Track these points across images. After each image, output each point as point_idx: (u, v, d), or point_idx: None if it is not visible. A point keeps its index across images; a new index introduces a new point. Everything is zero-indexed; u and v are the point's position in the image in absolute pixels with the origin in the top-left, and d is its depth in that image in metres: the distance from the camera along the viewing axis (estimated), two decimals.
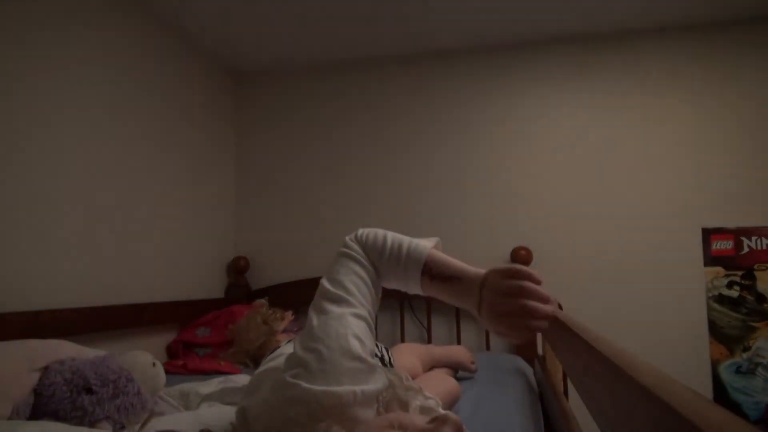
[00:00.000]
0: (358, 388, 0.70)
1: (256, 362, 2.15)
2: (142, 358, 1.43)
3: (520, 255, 2.37)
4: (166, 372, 1.53)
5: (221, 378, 1.54)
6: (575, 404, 1.64)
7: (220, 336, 2.27)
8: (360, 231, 0.95)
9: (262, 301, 2.47)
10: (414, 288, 0.93)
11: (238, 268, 2.73)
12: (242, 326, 2.22)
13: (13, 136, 1.63)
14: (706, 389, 2.15)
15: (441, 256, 0.93)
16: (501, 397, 1.58)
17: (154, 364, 1.44)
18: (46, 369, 1.21)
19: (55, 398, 1.13)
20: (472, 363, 1.82)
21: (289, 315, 2.33)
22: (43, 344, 1.31)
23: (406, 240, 0.93)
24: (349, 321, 0.78)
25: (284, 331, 2.22)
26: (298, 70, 2.87)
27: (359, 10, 2.28)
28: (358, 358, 0.73)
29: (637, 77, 2.46)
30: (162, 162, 2.32)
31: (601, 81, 2.51)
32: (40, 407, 1.13)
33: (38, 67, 1.72)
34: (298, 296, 2.65)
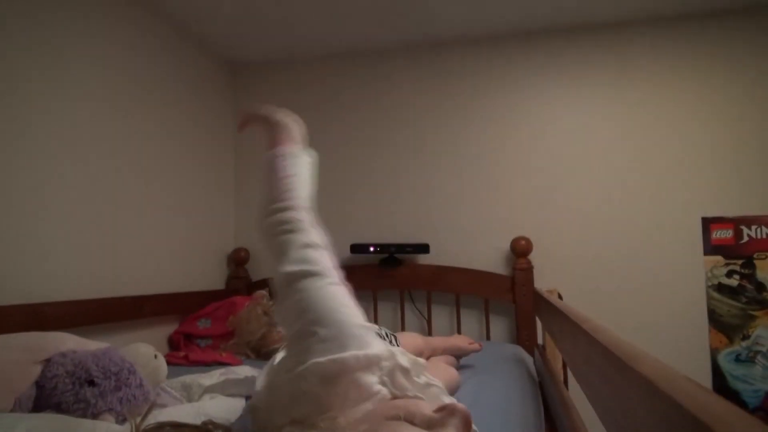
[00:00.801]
0: (360, 353, 0.71)
1: (257, 353, 2.16)
2: (143, 350, 1.44)
3: (520, 245, 2.38)
4: (168, 363, 1.54)
5: (223, 369, 1.55)
6: (575, 393, 1.65)
7: (221, 327, 2.28)
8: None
9: (263, 292, 2.47)
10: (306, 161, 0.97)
11: (238, 260, 2.74)
12: (243, 318, 2.23)
13: (12, 129, 1.63)
14: (706, 377, 2.15)
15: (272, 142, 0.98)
16: (501, 385, 1.59)
17: (155, 356, 1.44)
18: (48, 361, 1.21)
19: (57, 391, 1.13)
20: (471, 343, 1.81)
21: None
22: (45, 337, 1.31)
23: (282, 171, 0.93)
24: (334, 290, 0.79)
25: None
26: (297, 61, 2.86)
27: (358, 1, 2.26)
28: (358, 325, 0.76)
29: (638, 68, 2.45)
30: (161, 154, 2.31)
31: (601, 72, 2.49)
32: (42, 400, 1.14)
33: (34, 62, 1.71)
34: None
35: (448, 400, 0.87)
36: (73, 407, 1.11)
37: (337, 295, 0.79)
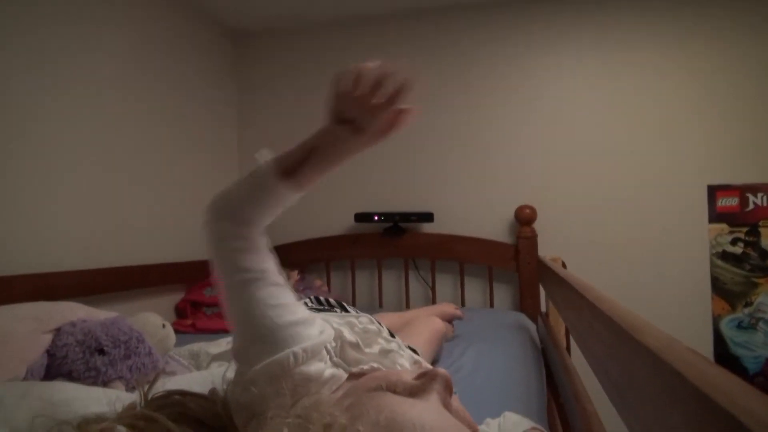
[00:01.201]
0: (297, 348, 0.70)
1: None
2: (152, 319, 1.46)
3: (525, 213, 2.37)
4: (175, 331, 1.56)
5: (229, 338, 1.57)
6: (577, 359, 1.67)
7: None
8: (209, 212, 0.85)
9: None
10: (290, 193, 0.87)
11: None
12: None
13: (21, 100, 1.62)
14: (707, 344, 2.18)
15: (286, 152, 0.88)
16: (503, 352, 1.61)
17: (163, 326, 1.46)
18: (57, 331, 1.23)
19: (68, 359, 1.15)
20: (456, 308, 1.86)
21: (294, 274, 2.35)
22: (54, 306, 1.33)
23: (244, 180, 0.86)
24: (265, 296, 0.77)
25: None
26: (300, 28, 2.81)
27: None
28: (277, 327, 0.73)
29: (643, 34, 2.40)
30: (164, 124, 2.30)
31: (606, 37, 2.44)
32: (53, 368, 1.16)
33: (35, 35, 1.69)
34: (305, 256, 2.68)
35: (404, 360, 0.89)
36: (83, 375, 1.14)
37: (268, 300, 0.76)
